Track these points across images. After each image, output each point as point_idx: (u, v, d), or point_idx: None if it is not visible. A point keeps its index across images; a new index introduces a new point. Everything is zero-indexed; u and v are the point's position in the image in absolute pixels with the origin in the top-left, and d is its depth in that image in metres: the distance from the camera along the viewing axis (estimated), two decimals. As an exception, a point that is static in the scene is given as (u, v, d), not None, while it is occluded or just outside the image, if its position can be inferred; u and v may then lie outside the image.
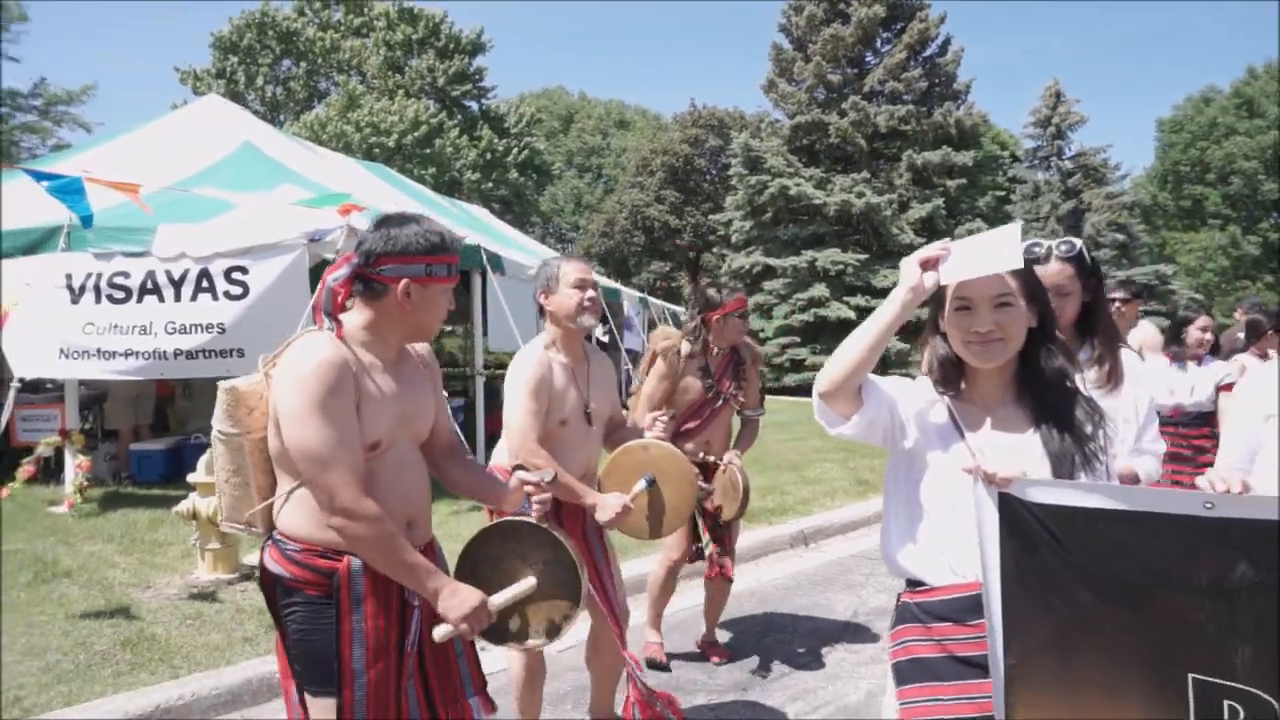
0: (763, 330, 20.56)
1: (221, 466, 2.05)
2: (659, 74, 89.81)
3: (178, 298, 6.69)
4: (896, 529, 1.78)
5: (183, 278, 6.69)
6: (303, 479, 1.87)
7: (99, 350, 6.70)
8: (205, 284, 6.70)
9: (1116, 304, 5.87)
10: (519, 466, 2.58)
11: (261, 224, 6.94)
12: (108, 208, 6.69)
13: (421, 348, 2.13)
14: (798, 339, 20.16)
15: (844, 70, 21.90)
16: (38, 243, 6.90)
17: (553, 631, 2.11)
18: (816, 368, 18.64)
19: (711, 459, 3.63)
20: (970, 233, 18.47)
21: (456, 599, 1.88)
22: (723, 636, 4.14)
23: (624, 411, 3.30)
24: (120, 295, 6.72)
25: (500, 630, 2.09)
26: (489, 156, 27.26)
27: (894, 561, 1.78)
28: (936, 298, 1.74)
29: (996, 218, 22.26)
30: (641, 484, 2.71)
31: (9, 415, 7.17)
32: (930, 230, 20.67)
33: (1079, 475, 1.65)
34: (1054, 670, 1.50)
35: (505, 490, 2.17)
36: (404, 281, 1.88)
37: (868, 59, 22.36)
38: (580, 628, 2.72)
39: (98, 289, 6.75)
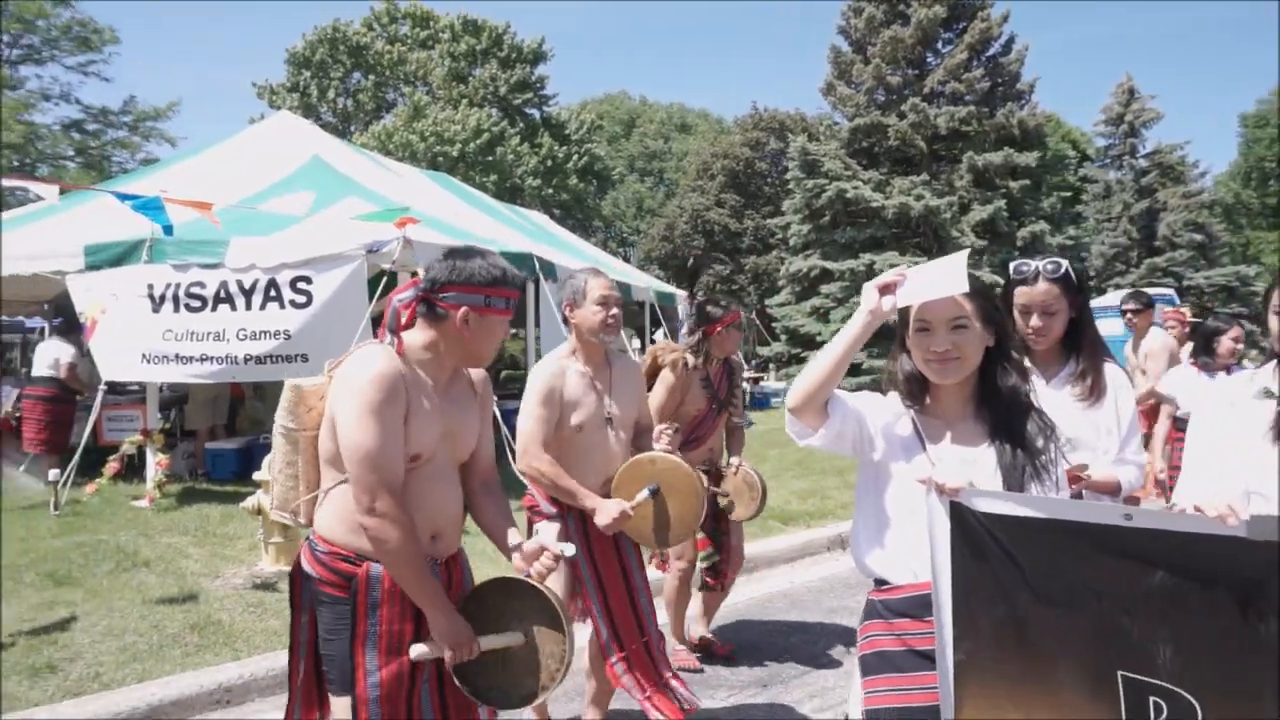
0: (819, 334, 20.46)
1: (279, 458, 2.19)
2: (722, 77, 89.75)
3: (248, 306, 7.12)
4: (865, 533, 1.92)
5: (253, 287, 7.12)
6: (349, 477, 1.97)
7: (177, 355, 7.16)
8: (273, 293, 7.11)
9: (1128, 315, 5.84)
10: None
11: (324, 236, 7.33)
12: (186, 223, 7.15)
13: (477, 373, 2.25)
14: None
15: (904, 71, 21.66)
16: (123, 256, 7.40)
17: (525, 698, 2.11)
18: (874, 371, 18.50)
19: (720, 464, 3.81)
20: (1034, 235, 18.07)
21: (449, 624, 1.98)
22: (750, 635, 4.29)
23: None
24: (196, 304, 7.17)
25: (476, 685, 2.10)
26: (549, 163, 27.76)
27: (862, 563, 1.92)
28: (901, 319, 1.88)
29: (1063, 219, 21.74)
30: (644, 493, 2.83)
31: (96, 415, 7.73)
32: (992, 232, 20.29)
33: (1029, 486, 1.77)
34: (999, 665, 1.63)
35: (512, 545, 2.20)
36: (464, 309, 2.02)
37: (928, 60, 22.06)
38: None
39: (176, 298, 7.22)
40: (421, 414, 2.01)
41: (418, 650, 1.99)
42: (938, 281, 1.73)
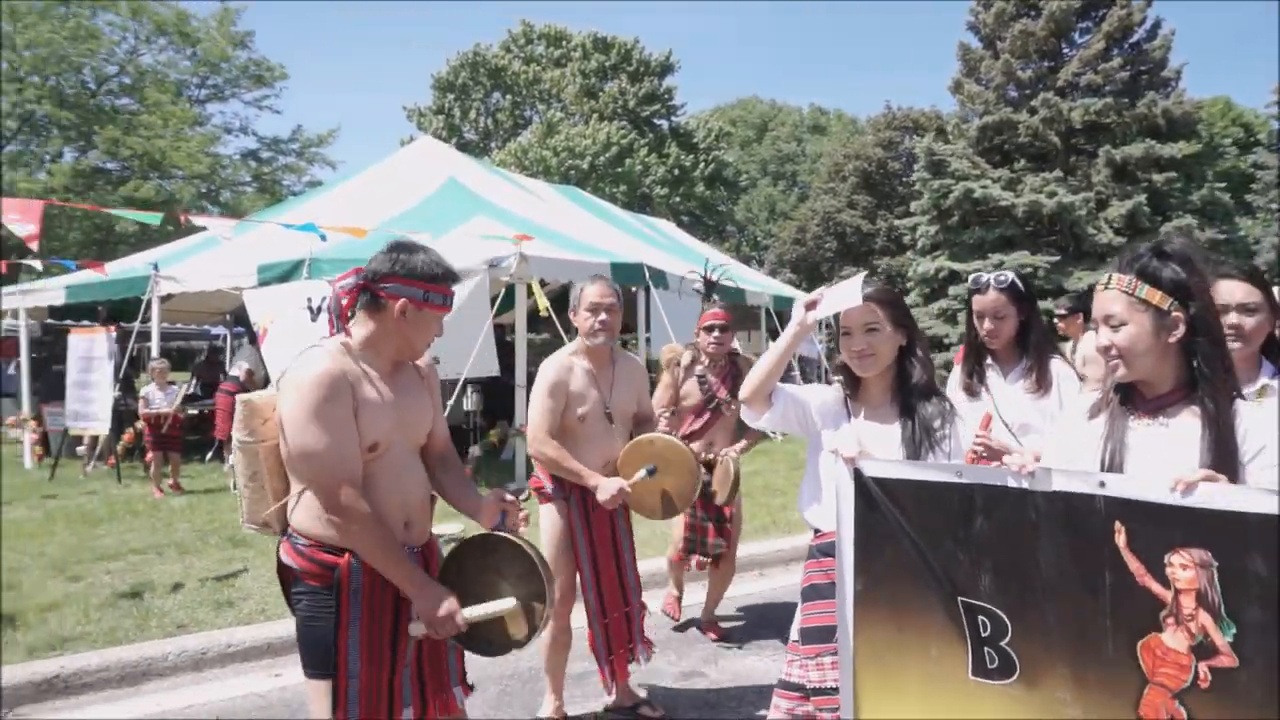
0: (946, 336, 20.15)
1: (241, 471, 2.18)
2: (856, 77, 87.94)
3: (389, 316, 8.15)
4: (807, 492, 2.44)
5: (393, 299, 8.16)
6: (304, 481, 2.02)
7: (330, 359, 8.29)
8: (410, 304, 8.11)
9: (1056, 319, 5.93)
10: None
11: (452, 253, 8.26)
12: (339, 243, 8.29)
13: (422, 360, 2.29)
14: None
15: (1035, 65, 20.99)
16: (287, 273, 8.62)
17: (515, 644, 2.19)
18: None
19: (713, 456, 4.05)
20: (1178, 230, 17.17)
21: (432, 603, 2.03)
22: (763, 625, 4.50)
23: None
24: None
25: (477, 641, 2.19)
26: (676, 172, 28.49)
27: (804, 515, 2.45)
28: (838, 326, 2.40)
29: (1215, 211, 20.41)
30: (642, 473, 3.08)
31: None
32: (1134, 228, 19.35)
33: (925, 455, 2.25)
34: (886, 594, 2.12)
35: (478, 502, 2.28)
36: (402, 301, 2.06)
37: (1064, 52, 21.27)
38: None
39: (330, 309, 8.35)
40: (371, 405, 2.03)
41: (416, 628, 2.07)
42: (842, 298, 2.24)
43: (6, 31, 19.87)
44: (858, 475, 2.16)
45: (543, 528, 3.25)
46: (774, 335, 14.54)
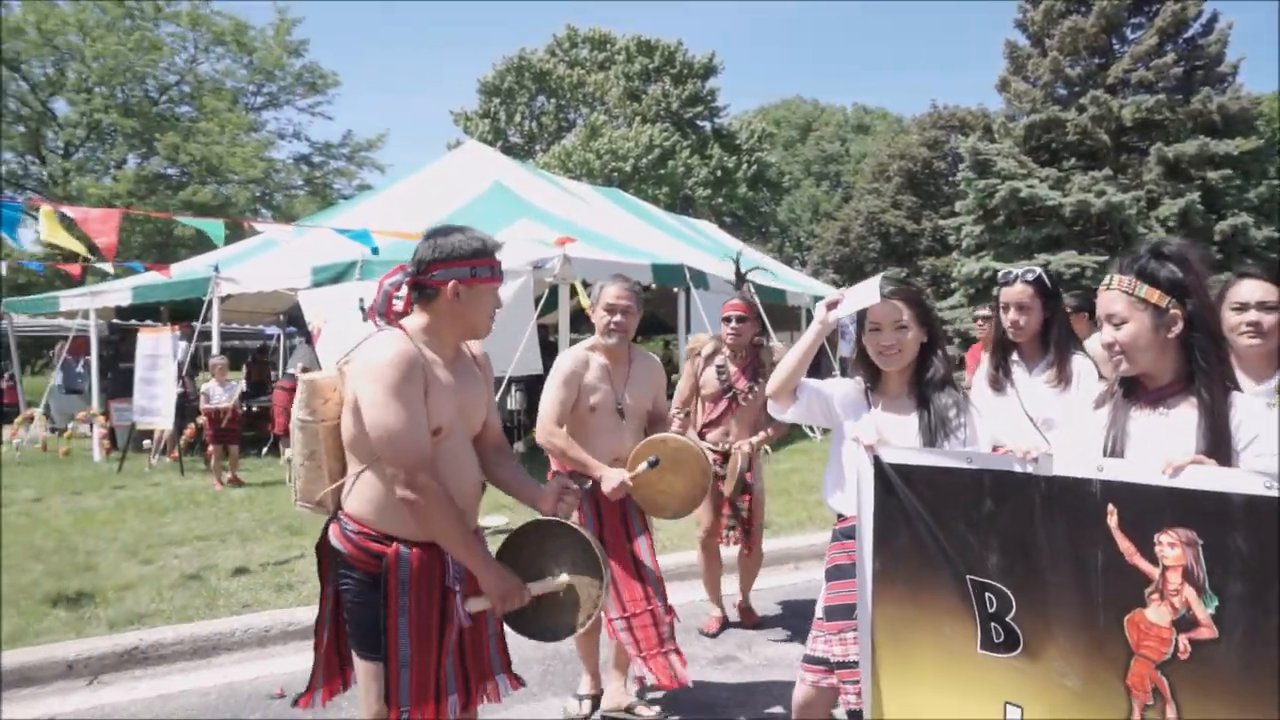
0: (992, 337, 19.93)
1: (298, 450, 2.22)
2: (901, 76, 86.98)
3: (437, 315, 8.46)
4: (830, 479, 2.59)
5: (440, 299, 8.47)
6: (379, 457, 2.03)
7: (381, 357, 8.62)
8: (456, 304, 8.41)
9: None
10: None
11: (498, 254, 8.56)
12: (389, 244, 8.60)
13: (476, 348, 2.33)
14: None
15: (1085, 62, 20.67)
16: (339, 275, 8.96)
17: (569, 629, 2.23)
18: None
19: (728, 446, 4.12)
20: (1234, 229, 16.76)
21: (498, 577, 2.10)
22: (796, 615, 4.60)
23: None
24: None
25: (532, 625, 2.24)
26: (719, 173, 28.59)
27: (828, 501, 2.60)
28: (860, 323, 2.54)
29: (1272, 208, 19.88)
30: (644, 465, 3.05)
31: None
32: (1186, 227, 18.95)
33: (941, 444, 2.38)
34: (903, 573, 2.26)
35: (537, 491, 2.32)
36: (452, 283, 2.09)
37: (1115, 48, 20.92)
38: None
39: (368, 311, 8.67)
40: (438, 388, 2.08)
41: (473, 604, 2.12)
42: (862, 297, 2.39)
43: (76, 44, 20.75)
44: (877, 462, 2.30)
45: None
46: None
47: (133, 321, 13.90)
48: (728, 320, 4.17)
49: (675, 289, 10.29)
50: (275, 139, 24.89)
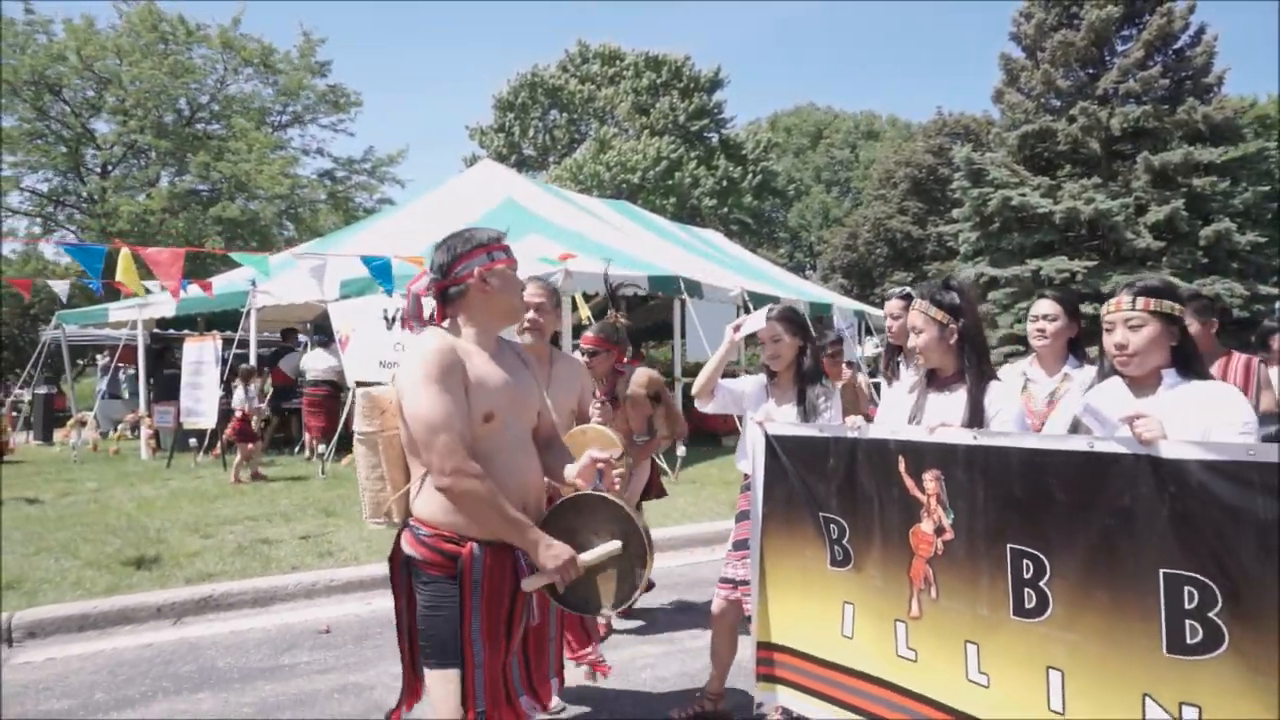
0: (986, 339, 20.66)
1: (362, 465, 2.27)
2: (910, 81, 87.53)
3: (451, 325, 9.40)
4: (740, 450, 3.47)
5: (455, 310, 9.40)
6: (421, 447, 2.03)
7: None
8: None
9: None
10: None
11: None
12: (412, 258, 9.54)
13: (519, 345, 2.43)
14: (1021, 348, 20.08)
15: (1075, 74, 21.42)
16: (364, 288, 9.91)
17: (621, 601, 2.25)
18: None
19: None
20: (1216, 234, 17.38)
21: (552, 551, 2.08)
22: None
23: None
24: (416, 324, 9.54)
25: (577, 599, 2.24)
26: (724, 183, 29.51)
27: (739, 465, 3.49)
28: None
29: (1261, 214, 20.49)
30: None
31: (348, 409, 10.33)
32: (1173, 232, 19.65)
33: (812, 421, 3.26)
34: (780, 513, 3.14)
35: (570, 469, 2.34)
36: (476, 270, 2.15)
37: (1106, 59, 21.64)
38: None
39: (403, 319, 9.62)
40: (483, 376, 2.10)
41: (530, 582, 2.13)
42: (755, 322, 3.30)
43: (114, 68, 21.96)
44: (765, 435, 3.19)
45: None
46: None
47: (171, 331, 14.97)
48: (581, 353, 4.18)
49: (672, 297, 11.16)
50: (300, 155, 26.06)
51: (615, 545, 2.17)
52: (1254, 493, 1.84)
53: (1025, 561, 2.28)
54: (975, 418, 2.72)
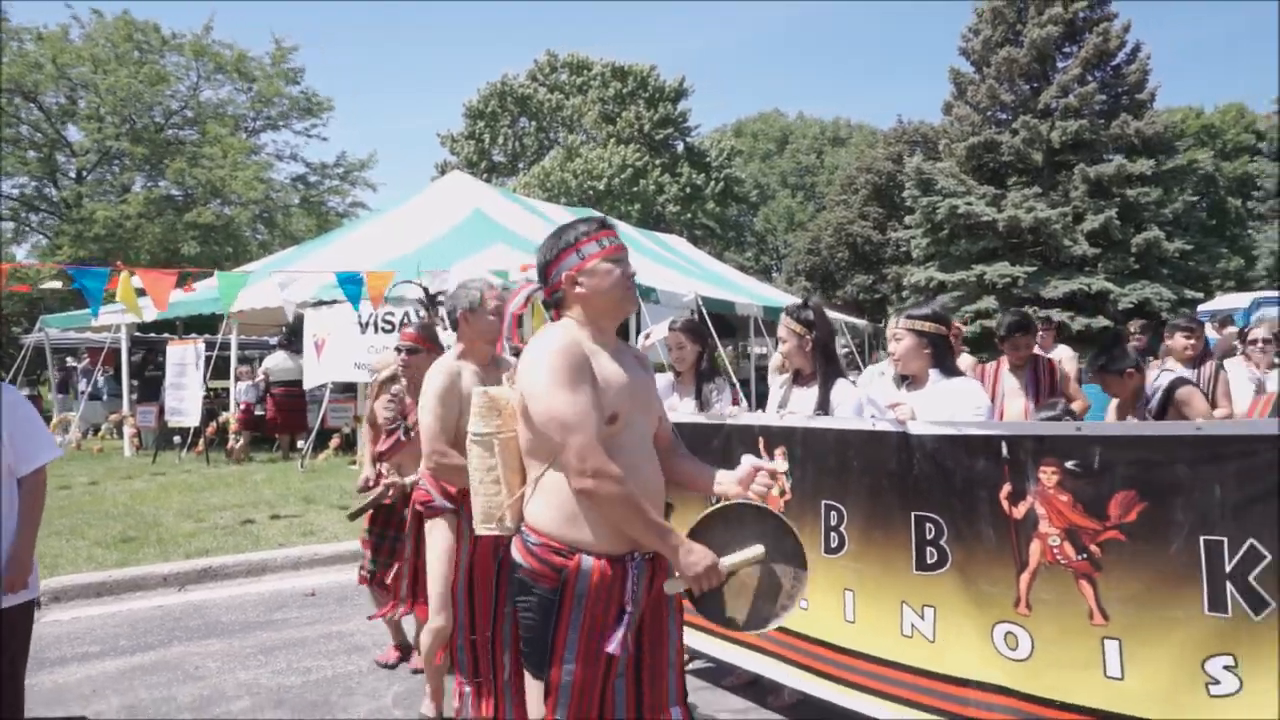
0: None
1: (476, 468, 2.20)
2: (877, 89, 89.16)
3: (421, 329, 10.17)
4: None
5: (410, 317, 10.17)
6: (554, 447, 1.97)
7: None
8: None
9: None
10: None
11: (468, 278, 10.28)
12: (382, 264, 10.28)
13: (638, 349, 2.32)
14: (967, 349, 21.13)
15: (1019, 89, 22.59)
16: (338, 296, 10.62)
17: (766, 620, 2.10)
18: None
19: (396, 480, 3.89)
20: (1146, 242, 18.55)
21: (693, 556, 1.99)
22: None
23: None
24: (388, 327, 10.29)
25: (716, 612, 2.11)
26: (688, 190, 30.43)
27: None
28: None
29: (1190, 221, 21.80)
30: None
31: (324, 407, 11.06)
32: (1107, 239, 20.86)
33: (708, 410, 4.10)
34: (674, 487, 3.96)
35: (723, 475, 2.30)
36: (566, 275, 2.08)
37: (1049, 74, 22.84)
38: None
39: (375, 323, 10.37)
40: (608, 375, 2.05)
41: (669, 586, 2.05)
42: (661, 331, 4.14)
43: (88, 76, 22.39)
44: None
45: (431, 543, 3.22)
46: (761, 343, 16.32)
47: (152, 335, 15.54)
48: (399, 350, 3.85)
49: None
50: (273, 161, 26.60)
51: (758, 550, 2.06)
52: (970, 454, 2.70)
53: (833, 512, 3.14)
54: (823, 406, 3.58)
